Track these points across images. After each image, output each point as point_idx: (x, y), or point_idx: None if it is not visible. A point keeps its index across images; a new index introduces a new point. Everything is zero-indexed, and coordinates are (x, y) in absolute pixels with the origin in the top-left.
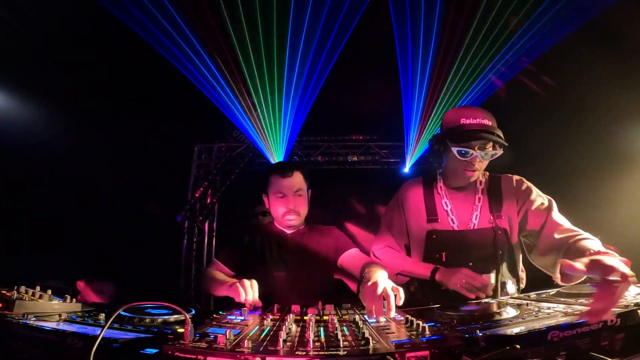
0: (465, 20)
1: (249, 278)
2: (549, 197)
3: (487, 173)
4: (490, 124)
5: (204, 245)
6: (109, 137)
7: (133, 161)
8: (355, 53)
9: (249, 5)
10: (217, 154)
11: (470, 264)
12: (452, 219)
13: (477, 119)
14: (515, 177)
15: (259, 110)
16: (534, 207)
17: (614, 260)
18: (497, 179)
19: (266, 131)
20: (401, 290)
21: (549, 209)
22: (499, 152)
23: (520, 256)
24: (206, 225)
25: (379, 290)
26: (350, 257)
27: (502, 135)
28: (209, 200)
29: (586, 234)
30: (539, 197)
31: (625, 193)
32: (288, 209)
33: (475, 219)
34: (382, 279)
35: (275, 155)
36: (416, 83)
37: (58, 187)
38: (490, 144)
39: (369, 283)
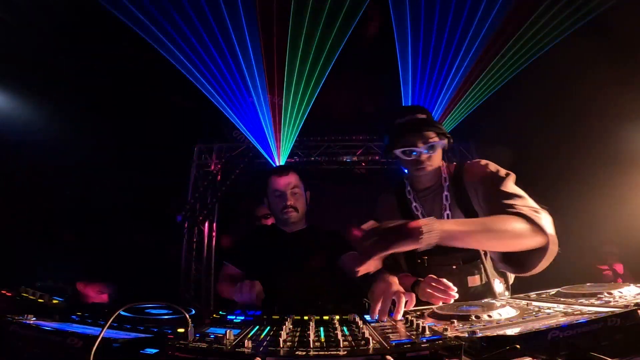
0: (465, 21)
1: (255, 278)
2: (507, 171)
3: (454, 165)
4: (424, 117)
5: (204, 245)
6: (109, 138)
7: (133, 161)
8: (355, 53)
9: (249, 5)
10: (217, 154)
11: (454, 267)
12: None
13: (409, 115)
14: (475, 161)
15: (258, 110)
16: (486, 184)
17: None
18: (460, 168)
19: (266, 131)
20: (413, 295)
21: (498, 181)
22: (443, 141)
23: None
24: (206, 225)
25: (391, 293)
26: (350, 259)
27: (439, 126)
28: (209, 200)
29: (525, 210)
30: (491, 171)
31: (627, 192)
32: (286, 205)
33: (447, 219)
34: (395, 283)
35: (275, 155)
36: (416, 82)
37: (58, 187)
38: (434, 135)
39: (383, 284)
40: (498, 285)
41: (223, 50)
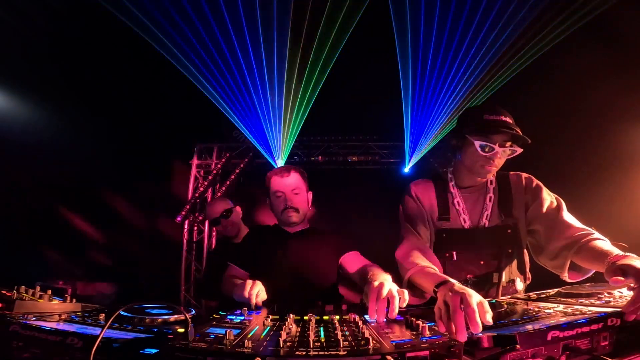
0: (466, 20)
1: (257, 278)
2: (557, 196)
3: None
4: (511, 122)
5: (204, 245)
6: (109, 138)
7: (133, 161)
8: (355, 53)
9: (249, 4)
10: (217, 154)
11: (482, 262)
12: (463, 219)
13: (500, 116)
14: (524, 175)
15: (258, 110)
16: (544, 207)
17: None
18: (506, 176)
19: (266, 131)
20: (406, 292)
21: (559, 208)
22: (518, 150)
23: (527, 254)
24: (206, 225)
25: (385, 292)
26: (349, 260)
27: (524, 136)
28: (209, 200)
29: (597, 234)
30: (548, 197)
31: (631, 193)
32: (287, 205)
33: (486, 218)
34: (388, 281)
35: (275, 155)
36: (416, 83)
37: (58, 187)
38: (509, 142)
39: (375, 283)
40: (519, 284)
41: (223, 50)
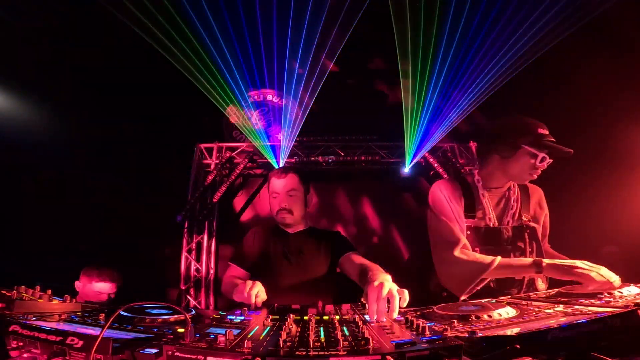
0: (466, 20)
1: (257, 278)
2: None
3: None
4: None
5: (203, 245)
6: (108, 137)
7: (133, 161)
8: (355, 53)
9: (249, 4)
10: (217, 154)
11: None
12: (489, 218)
13: (547, 130)
14: (538, 187)
15: (258, 109)
16: (547, 220)
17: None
18: (524, 184)
19: (266, 131)
20: (406, 292)
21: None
22: (550, 160)
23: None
24: (206, 225)
25: (385, 292)
26: (349, 260)
27: None
28: (209, 200)
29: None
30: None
31: (629, 192)
32: (280, 207)
33: (511, 217)
34: (388, 281)
35: (275, 155)
36: (416, 83)
37: (57, 187)
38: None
39: (375, 284)
40: (540, 284)
41: (223, 50)
